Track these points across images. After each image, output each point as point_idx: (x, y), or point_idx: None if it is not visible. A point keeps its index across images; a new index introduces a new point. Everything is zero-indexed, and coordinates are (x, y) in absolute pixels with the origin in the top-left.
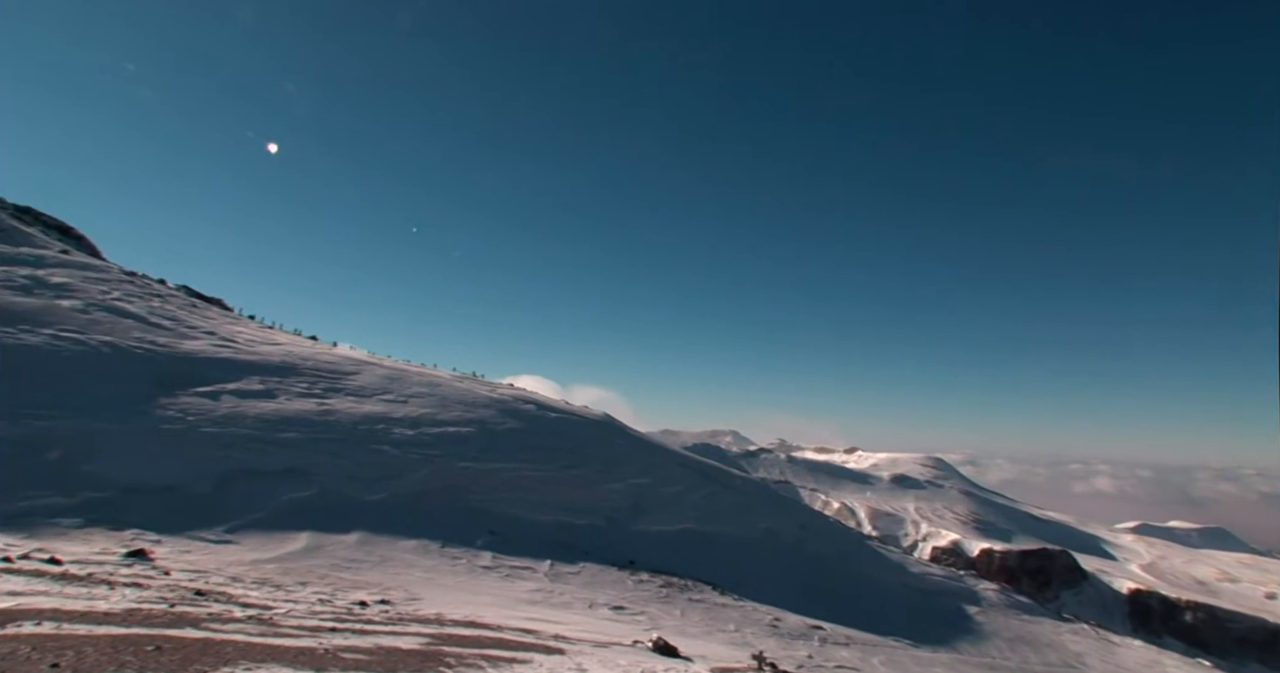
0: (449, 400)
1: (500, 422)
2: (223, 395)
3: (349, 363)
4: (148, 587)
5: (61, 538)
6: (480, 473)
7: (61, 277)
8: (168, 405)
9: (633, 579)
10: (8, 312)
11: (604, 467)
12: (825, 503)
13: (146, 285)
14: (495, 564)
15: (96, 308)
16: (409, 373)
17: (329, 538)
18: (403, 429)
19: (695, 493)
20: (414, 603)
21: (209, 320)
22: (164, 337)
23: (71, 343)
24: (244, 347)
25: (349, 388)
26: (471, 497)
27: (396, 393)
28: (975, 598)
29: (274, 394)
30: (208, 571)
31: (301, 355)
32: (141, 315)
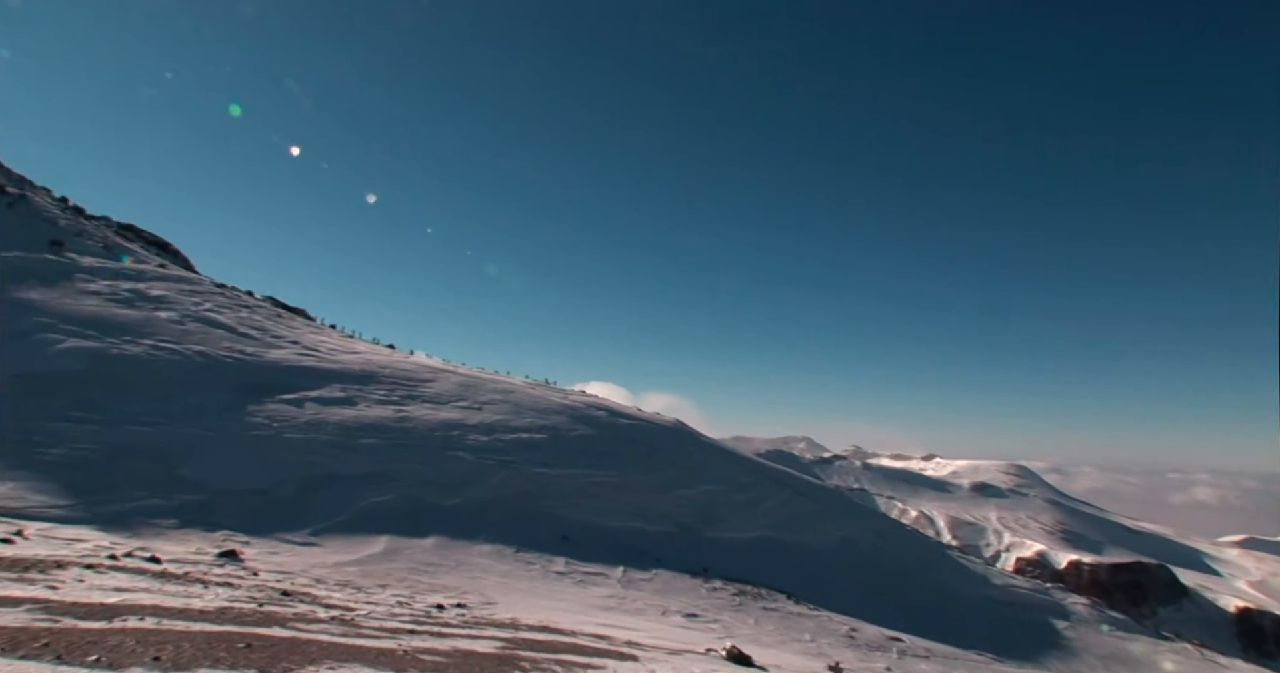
0: (522, 407)
1: (572, 428)
2: (306, 402)
3: (425, 370)
4: (238, 586)
5: (160, 538)
6: (553, 479)
7: (159, 290)
8: (255, 412)
9: (706, 587)
10: (112, 323)
11: (676, 473)
12: (903, 511)
13: (235, 297)
14: (568, 570)
15: (190, 319)
16: (483, 380)
17: (407, 542)
18: (477, 435)
19: (768, 500)
20: (489, 607)
21: (293, 330)
22: (252, 346)
23: (168, 353)
24: (326, 355)
25: (425, 395)
26: (544, 503)
27: (471, 400)
28: (1064, 612)
29: (354, 401)
30: (293, 572)
31: (380, 363)
32: (231, 326)
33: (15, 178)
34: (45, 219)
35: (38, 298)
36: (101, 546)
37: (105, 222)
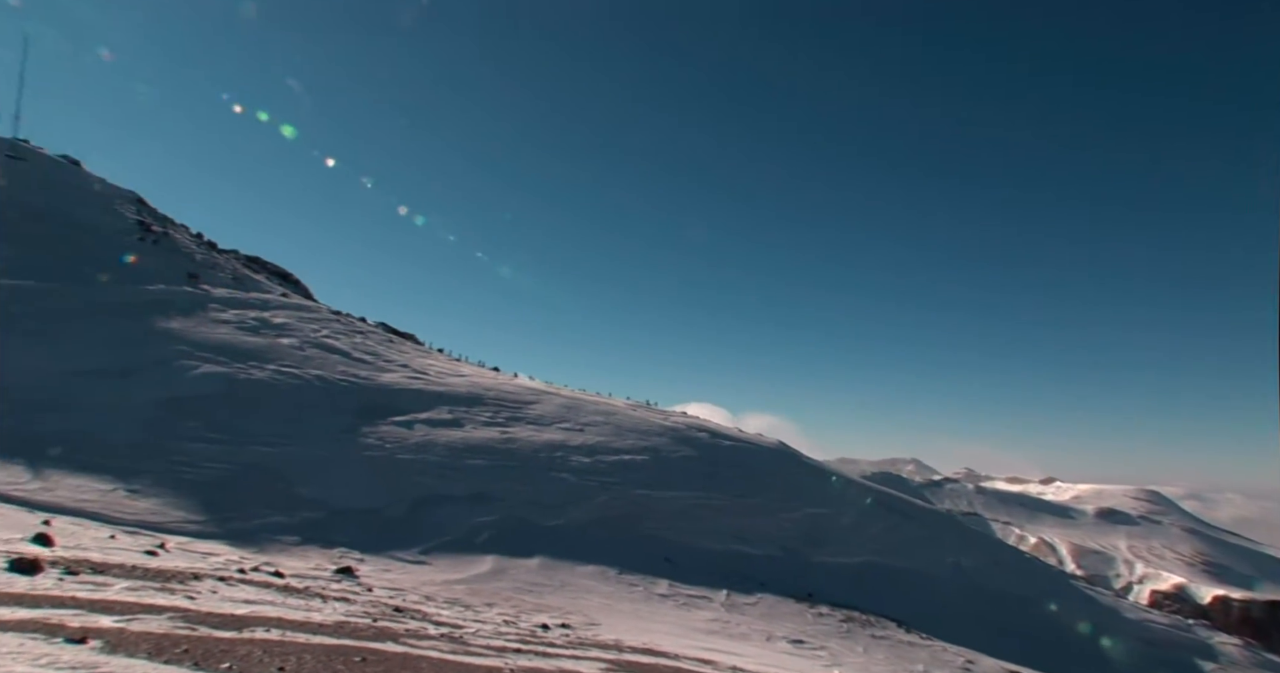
0: (623, 429)
1: (674, 450)
2: (416, 424)
3: (529, 393)
4: (354, 602)
5: (284, 554)
6: (655, 501)
7: (282, 317)
8: (369, 434)
9: (812, 612)
10: (240, 349)
11: (779, 496)
12: (1020, 537)
13: (350, 323)
14: (671, 592)
15: (309, 345)
16: (585, 402)
17: (513, 562)
18: (580, 457)
19: (876, 524)
20: (593, 628)
21: (403, 354)
22: (365, 370)
23: (289, 377)
24: (434, 378)
25: (529, 417)
26: (647, 524)
27: (573, 421)
28: (1211, 653)
29: (461, 423)
30: (405, 589)
31: (485, 386)
32: (346, 351)
33: (159, 217)
34: (184, 254)
35: (177, 327)
36: (232, 559)
37: (234, 255)
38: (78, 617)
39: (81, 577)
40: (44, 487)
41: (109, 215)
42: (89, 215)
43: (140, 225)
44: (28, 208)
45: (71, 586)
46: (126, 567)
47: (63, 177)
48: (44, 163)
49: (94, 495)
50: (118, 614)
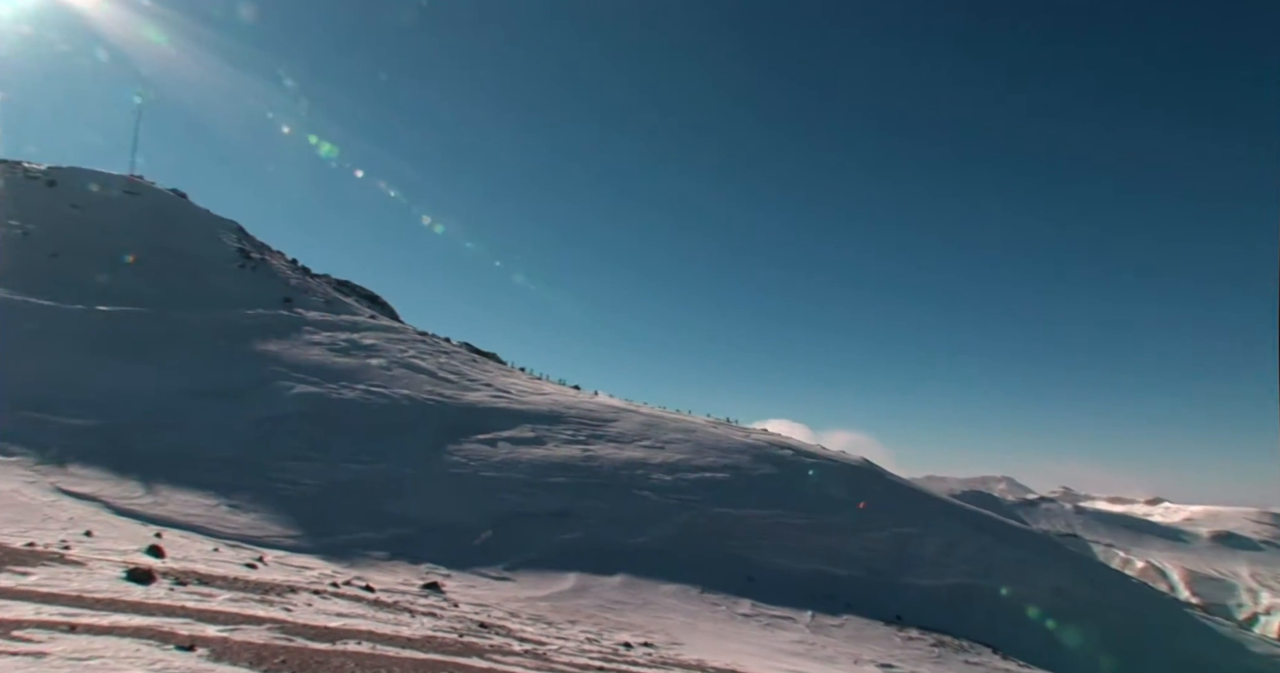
0: (704, 446)
1: (755, 467)
2: (499, 442)
3: (609, 410)
4: (441, 617)
5: (374, 569)
6: (737, 519)
7: (371, 339)
8: (454, 452)
9: (901, 636)
10: (332, 370)
11: (864, 515)
12: (1125, 561)
13: (435, 344)
14: (754, 612)
15: (397, 365)
16: (665, 419)
17: (595, 579)
18: (661, 475)
19: (967, 545)
20: (676, 648)
21: (486, 373)
22: (450, 389)
23: (378, 396)
24: (516, 397)
25: (610, 434)
26: (729, 543)
27: (654, 439)
28: None
29: (543, 441)
30: (489, 605)
31: (566, 404)
32: (432, 370)
33: (258, 244)
34: (280, 279)
35: (274, 349)
36: (325, 573)
37: (326, 279)
38: (186, 625)
39: (189, 587)
40: (156, 501)
41: (212, 244)
42: (194, 245)
43: (240, 253)
44: (140, 239)
45: (181, 595)
46: (229, 579)
47: (171, 209)
48: (155, 197)
49: (200, 510)
50: (222, 624)
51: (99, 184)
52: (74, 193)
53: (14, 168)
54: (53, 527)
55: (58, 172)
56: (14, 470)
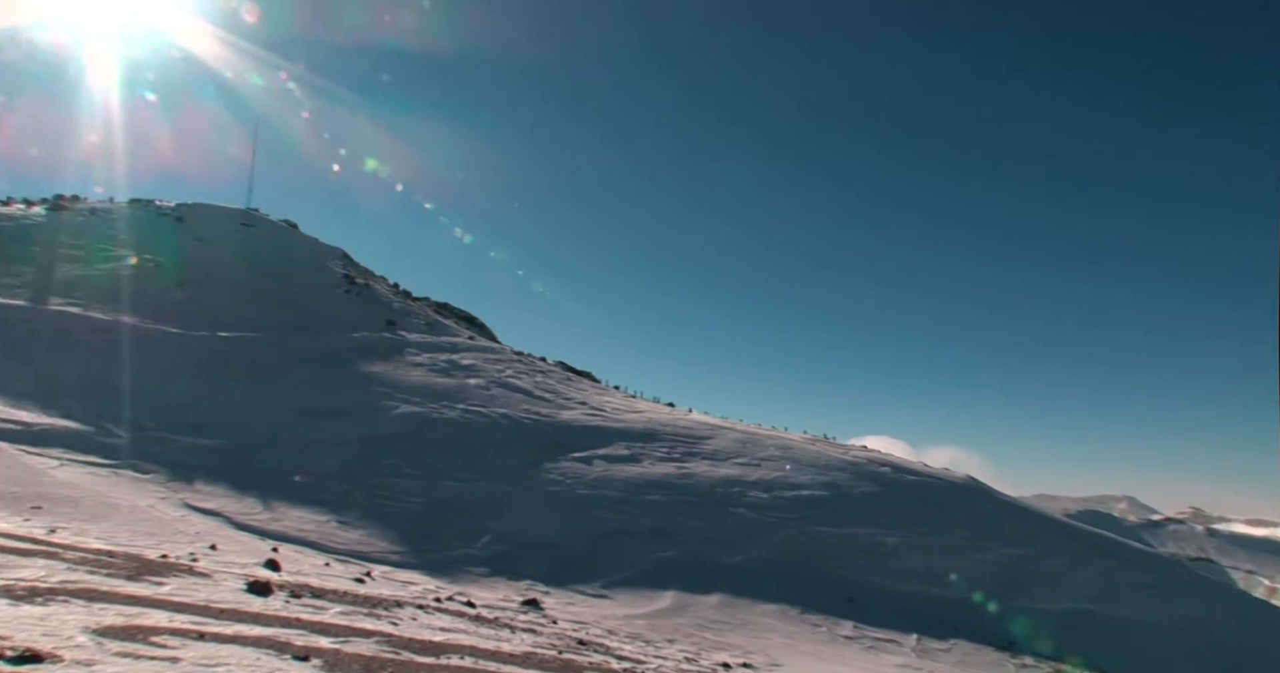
0: (801, 463)
1: (855, 485)
2: (595, 460)
3: (704, 428)
4: (540, 633)
5: (474, 584)
6: (836, 538)
7: (469, 359)
8: (551, 469)
9: (1014, 663)
10: (433, 390)
11: (971, 534)
12: (1271, 590)
13: (531, 363)
14: (857, 634)
15: (495, 385)
16: (761, 436)
17: (692, 598)
18: (757, 492)
19: (1085, 568)
20: (776, 669)
21: (581, 392)
22: (546, 408)
23: (477, 415)
24: (611, 415)
25: (705, 452)
26: (828, 562)
27: (750, 456)
28: None
29: (638, 459)
30: (588, 622)
31: (661, 422)
32: (528, 389)
33: (362, 270)
34: (383, 303)
35: (378, 370)
36: (429, 588)
37: (426, 302)
38: (301, 636)
39: (303, 600)
40: (272, 517)
41: (320, 272)
42: (303, 273)
43: (346, 279)
44: (254, 269)
45: (296, 608)
46: (339, 592)
47: (283, 239)
48: (269, 228)
49: (312, 526)
50: (334, 636)
51: (220, 218)
52: (198, 227)
53: (147, 206)
54: (182, 540)
55: (185, 208)
56: (148, 487)
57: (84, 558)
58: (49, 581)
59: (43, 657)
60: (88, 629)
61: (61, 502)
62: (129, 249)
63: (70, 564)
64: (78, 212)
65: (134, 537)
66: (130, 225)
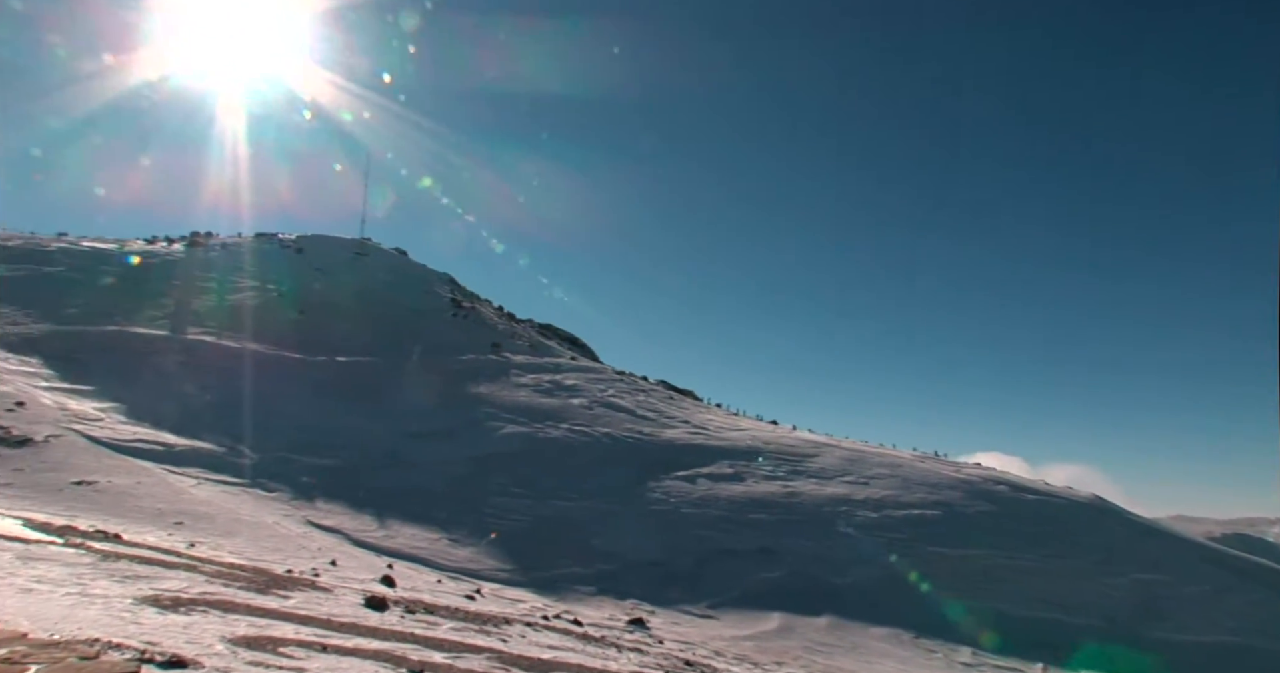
0: (911, 482)
1: (969, 504)
2: (698, 479)
3: (808, 445)
4: (646, 653)
5: (581, 603)
6: (951, 560)
7: (572, 379)
8: (655, 488)
9: None
10: (538, 410)
11: (1100, 558)
12: None
13: (633, 382)
14: (976, 662)
15: (598, 404)
16: (868, 454)
17: (800, 620)
18: (865, 512)
19: (1234, 596)
20: None
21: (683, 410)
22: (648, 427)
23: (581, 435)
24: (714, 433)
25: (810, 470)
26: (942, 585)
27: (857, 474)
28: None
29: (742, 477)
30: (694, 643)
31: (764, 439)
32: (630, 409)
33: (468, 294)
34: (488, 326)
35: (485, 391)
36: (536, 606)
37: (530, 324)
38: (416, 651)
39: (418, 616)
40: (387, 535)
41: (429, 297)
42: (413, 298)
43: (453, 303)
44: (367, 296)
45: (410, 623)
46: (451, 609)
47: (394, 266)
48: (381, 256)
49: (424, 543)
50: (446, 651)
51: (336, 249)
52: (317, 257)
53: (271, 239)
54: (305, 556)
55: (304, 240)
56: (274, 505)
57: (219, 571)
58: (190, 592)
59: (187, 663)
60: (224, 638)
61: (199, 518)
62: (255, 280)
63: (208, 577)
64: (210, 247)
65: (262, 552)
66: (256, 258)
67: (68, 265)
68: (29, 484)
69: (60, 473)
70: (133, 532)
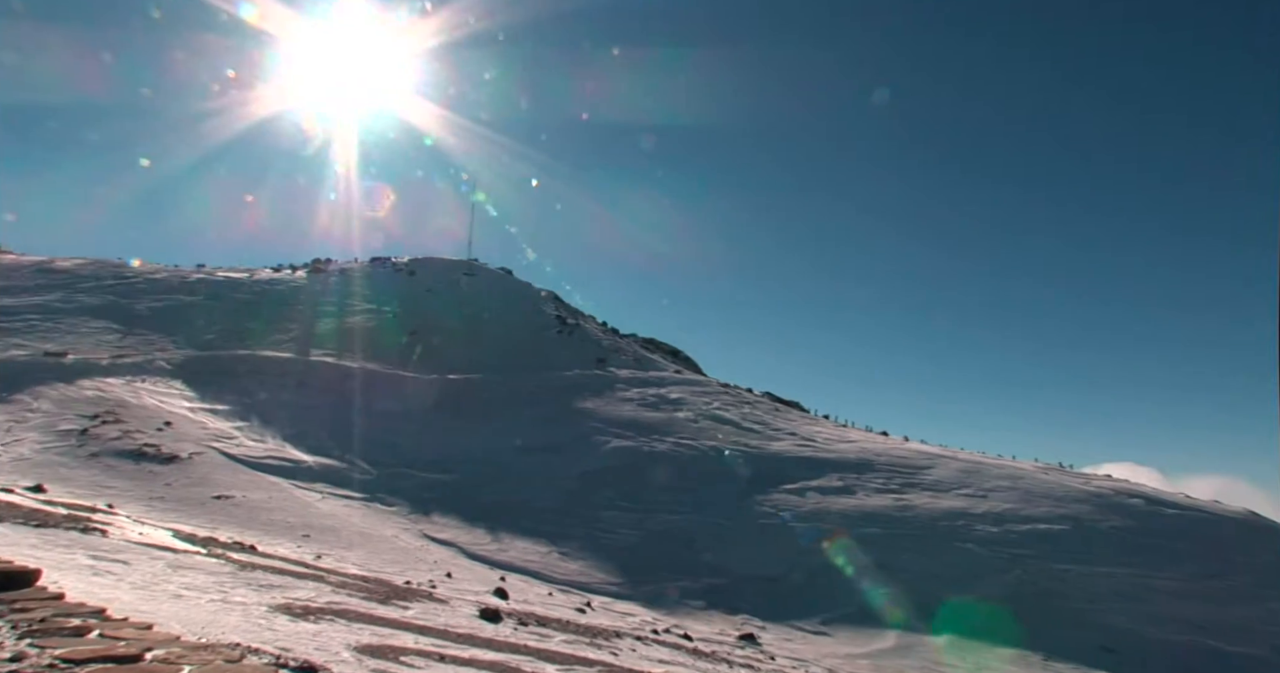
0: (1034, 495)
1: (1100, 519)
2: (807, 492)
3: (921, 457)
4: (758, 669)
5: (690, 617)
6: (1082, 578)
7: (677, 393)
8: (763, 502)
9: None
10: (643, 424)
11: (1258, 579)
12: None
13: (738, 395)
14: None
15: (703, 417)
16: (986, 465)
17: (917, 638)
18: (985, 526)
19: None
20: None
21: (790, 422)
22: (755, 439)
23: (687, 448)
24: (822, 445)
25: (924, 483)
26: (1072, 605)
27: (975, 487)
28: None
29: (852, 490)
30: (807, 659)
31: (875, 451)
32: (736, 421)
33: (572, 311)
34: (592, 341)
35: (591, 406)
36: (646, 620)
37: (634, 338)
38: (530, 663)
39: (530, 628)
40: (499, 548)
41: (534, 314)
42: (519, 316)
43: (558, 320)
44: (475, 315)
45: (524, 635)
46: (563, 621)
47: (500, 285)
48: (488, 276)
49: (535, 556)
50: (559, 664)
51: (445, 270)
52: (427, 279)
53: (384, 263)
54: (422, 568)
55: (415, 262)
56: (393, 518)
57: (344, 582)
58: (318, 601)
59: (317, 669)
60: (350, 646)
61: (325, 531)
62: (370, 303)
63: (334, 587)
64: (330, 273)
65: (383, 564)
66: (371, 282)
67: (205, 294)
68: (176, 498)
69: (202, 488)
70: (266, 543)
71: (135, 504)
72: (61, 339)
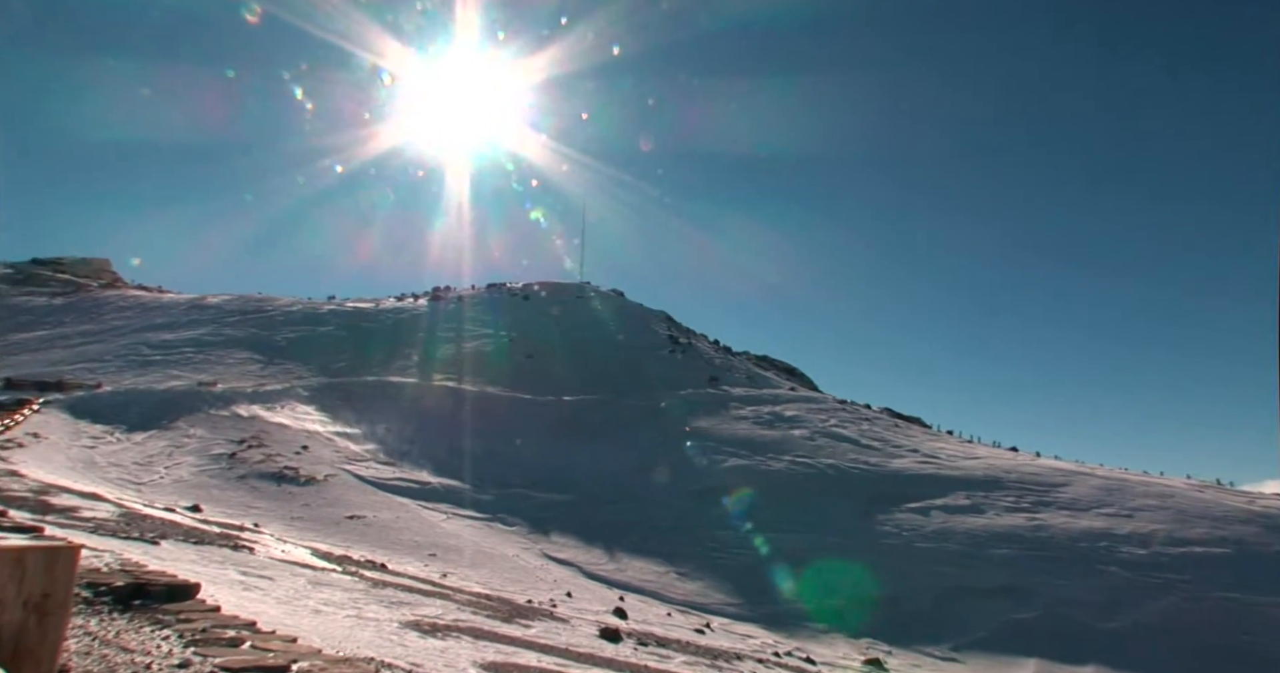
0: (1188, 515)
1: (1269, 542)
2: (932, 511)
3: (1056, 474)
4: None
5: (812, 640)
6: (1251, 608)
7: (792, 410)
8: (884, 521)
9: None
10: (758, 443)
11: None
12: None
13: (855, 411)
14: None
15: (819, 435)
16: (1130, 482)
17: (1059, 668)
18: (1131, 548)
19: None
20: None
21: (911, 438)
22: (874, 457)
23: (804, 466)
24: (946, 462)
25: (1060, 501)
26: (1242, 638)
27: (1118, 506)
28: None
29: (981, 509)
30: None
31: (1004, 468)
32: (854, 438)
33: (684, 330)
34: (705, 360)
35: (705, 425)
36: (767, 643)
37: (746, 356)
38: None
39: (650, 648)
40: (617, 568)
41: (646, 334)
42: (631, 336)
43: (670, 340)
44: (589, 337)
45: (644, 655)
46: (682, 642)
47: (612, 306)
48: (601, 299)
49: (652, 576)
50: None
51: (559, 294)
52: (542, 303)
53: (500, 289)
54: (543, 587)
55: (529, 288)
56: (513, 538)
57: (469, 600)
58: (445, 618)
59: None
60: (476, 663)
61: (450, 550)
62: (488, 328)
63: (460, 605)
64: (449, 300)
65: (505, 583)
66: (488, 307)
67: (336, 324)
68: (314, 518)
69: (336, 508)
70: (396, 561)
71: (277, 523)
72: (212, 370)
